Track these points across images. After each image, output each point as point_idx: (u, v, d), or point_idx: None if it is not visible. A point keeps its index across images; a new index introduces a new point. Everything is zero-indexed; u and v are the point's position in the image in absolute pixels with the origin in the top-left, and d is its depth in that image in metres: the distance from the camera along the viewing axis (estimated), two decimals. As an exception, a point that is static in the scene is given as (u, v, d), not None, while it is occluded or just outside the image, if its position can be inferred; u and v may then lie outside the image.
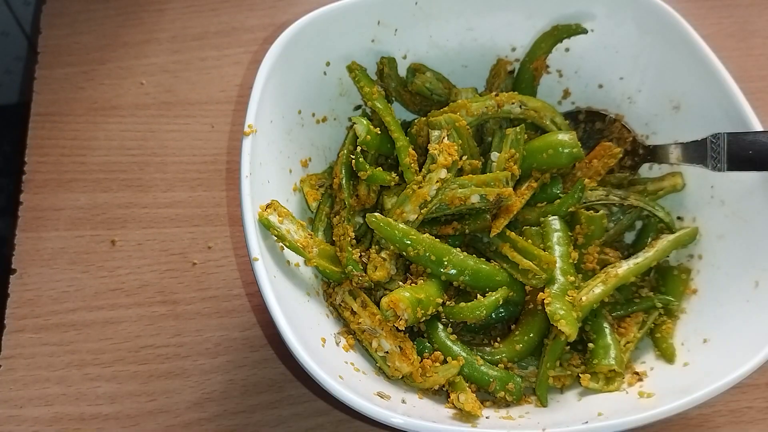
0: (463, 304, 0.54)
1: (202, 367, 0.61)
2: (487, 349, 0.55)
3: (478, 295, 0.54)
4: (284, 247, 0.53)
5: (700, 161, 0.57)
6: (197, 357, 0.61)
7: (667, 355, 0.55)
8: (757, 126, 0.55)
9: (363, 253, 0.56)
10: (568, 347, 0.56)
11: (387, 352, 0.53)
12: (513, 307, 0.57)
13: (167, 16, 0.81)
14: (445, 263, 0.53)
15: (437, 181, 0.54)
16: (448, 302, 0.55)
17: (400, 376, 0.53)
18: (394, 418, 0.45)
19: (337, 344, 0.53)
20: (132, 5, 0.82)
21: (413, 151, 0.58)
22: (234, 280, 0.65)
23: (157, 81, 0.77)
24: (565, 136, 0.59)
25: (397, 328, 0.52)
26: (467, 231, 0.57)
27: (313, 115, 0.62)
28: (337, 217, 0.58)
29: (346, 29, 0.60)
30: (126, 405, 0.59)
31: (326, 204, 0.60)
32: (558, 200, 0.59)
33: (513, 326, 0.57)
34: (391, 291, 0.52)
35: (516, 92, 0.63)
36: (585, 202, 0.59)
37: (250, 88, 0.54)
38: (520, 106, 0.61)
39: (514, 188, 0.58)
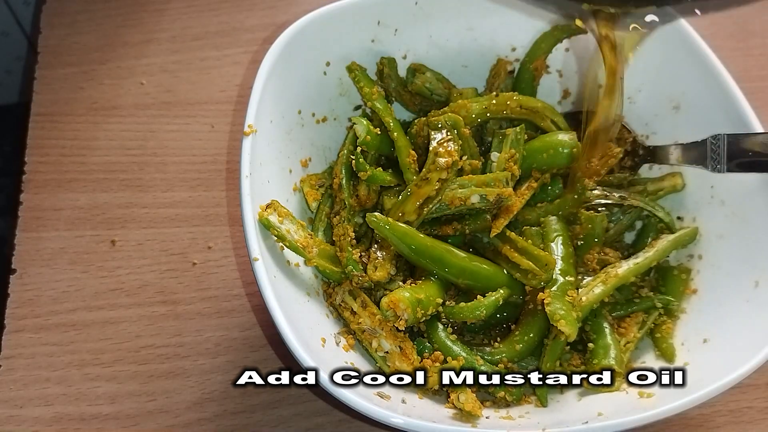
0: (463, 304, 0.54)
1: (202, 367, 0.61)
2: (487, 349, 0.55)
3: (478, 295, 0.54)
4: (284, 247, 0.53)
5: (700, 162, 0.57)
6: (197, 357, 0.61)
7: (667, 355, 0.55)
8: (757, 127, 0.55)
9: (363, 253, 0.56)
10: (568, 347, 0.56)
11: (387, 352, 0.53)
12: (513, 308, 0.57)
13: (167, 16, 0.81)
14: (445, 263, 0.53)
15: (437, 181, 0.54)
16: (448, 302, 0.55)
17: (400, 376, 0.53)
18: (394, 418, 0.45)
19: (337, 344, 0.53)
20: (132, 5, 0.82)
21: (413, 151, 0.58)
22: (234, 280, 0.65)
23: (157, 81, 0.77)
24: (565, 136, 0.59)
25: (397, 328, 0.52)
26: (467, 231, 0.57)
27: (313, 115, 0.62)
28: (337, 217, 0.58)
29: (346, 29, 0.60)
30: (126, 405, 0.59)
31: (326, 204, 0.60)
32: (558, 200, 0.59)
33: (513, 326, 0.57)
34: (391, 291, 0.52)
35: (516, 92, 0.63)
36: (585, 202, 0.59)
37: (250, 88, 0.54)
38: (520, 107, 0.61)
39: (514, 188, 0.58)
